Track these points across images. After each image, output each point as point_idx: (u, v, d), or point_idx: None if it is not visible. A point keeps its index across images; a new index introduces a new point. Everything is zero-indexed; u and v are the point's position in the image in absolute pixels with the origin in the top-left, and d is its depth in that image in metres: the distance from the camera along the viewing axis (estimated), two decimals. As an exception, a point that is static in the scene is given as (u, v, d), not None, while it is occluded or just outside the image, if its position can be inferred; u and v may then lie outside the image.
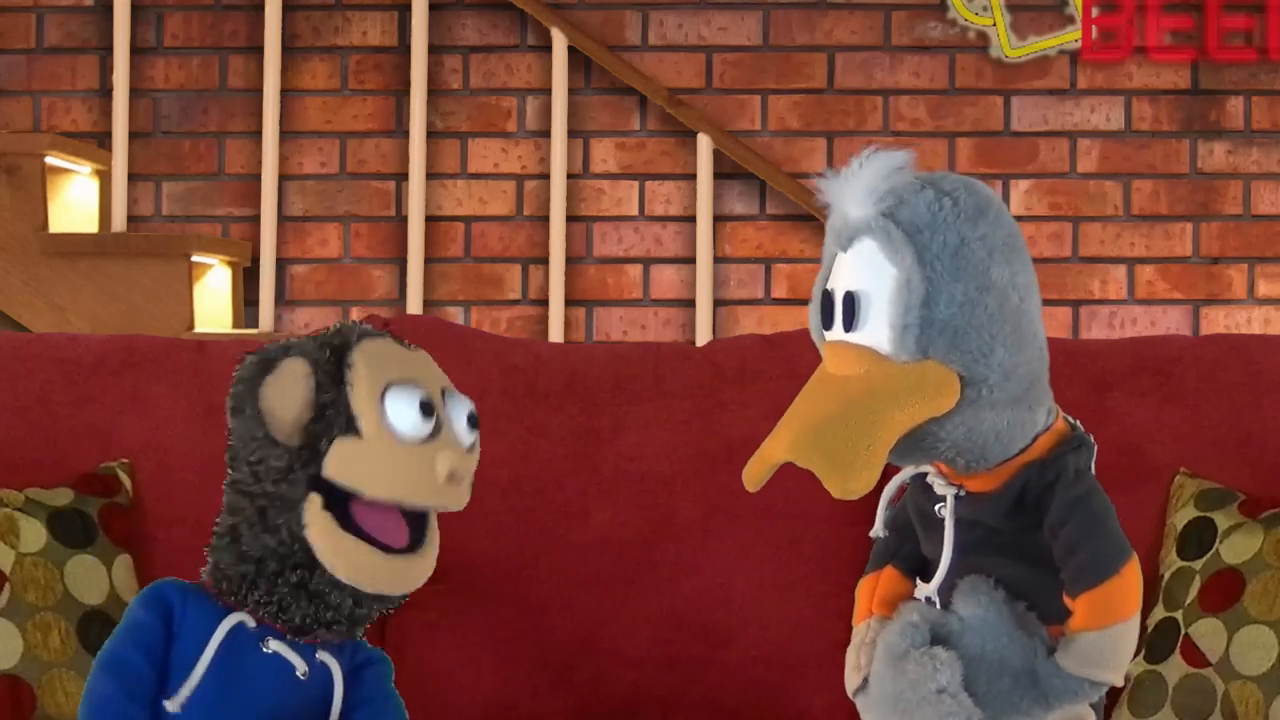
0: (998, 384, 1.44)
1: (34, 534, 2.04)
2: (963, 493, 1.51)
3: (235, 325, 4.29)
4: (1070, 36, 4.25)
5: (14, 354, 2.27)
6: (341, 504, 1.52)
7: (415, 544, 1.55)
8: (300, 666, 1.57)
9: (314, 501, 1.52)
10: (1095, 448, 1.53)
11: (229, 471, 1.58)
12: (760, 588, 2.18)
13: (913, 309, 1.42)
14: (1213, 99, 4.24)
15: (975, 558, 1.51)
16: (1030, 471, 1.49)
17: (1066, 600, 1.47)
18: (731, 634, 2.17)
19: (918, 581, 1.54)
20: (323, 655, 1.59)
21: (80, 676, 1.99)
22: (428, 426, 1.52)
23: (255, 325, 4.27)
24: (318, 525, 1.52)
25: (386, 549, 1.53)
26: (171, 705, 1.53)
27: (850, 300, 1.44)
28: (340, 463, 1.51)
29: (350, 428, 1.51)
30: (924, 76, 4.28)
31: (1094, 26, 4.24)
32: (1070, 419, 1.54)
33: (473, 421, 1.57)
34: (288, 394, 1.51)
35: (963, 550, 1.51)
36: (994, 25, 4.26)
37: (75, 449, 2.21)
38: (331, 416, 1.52)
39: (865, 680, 1.52)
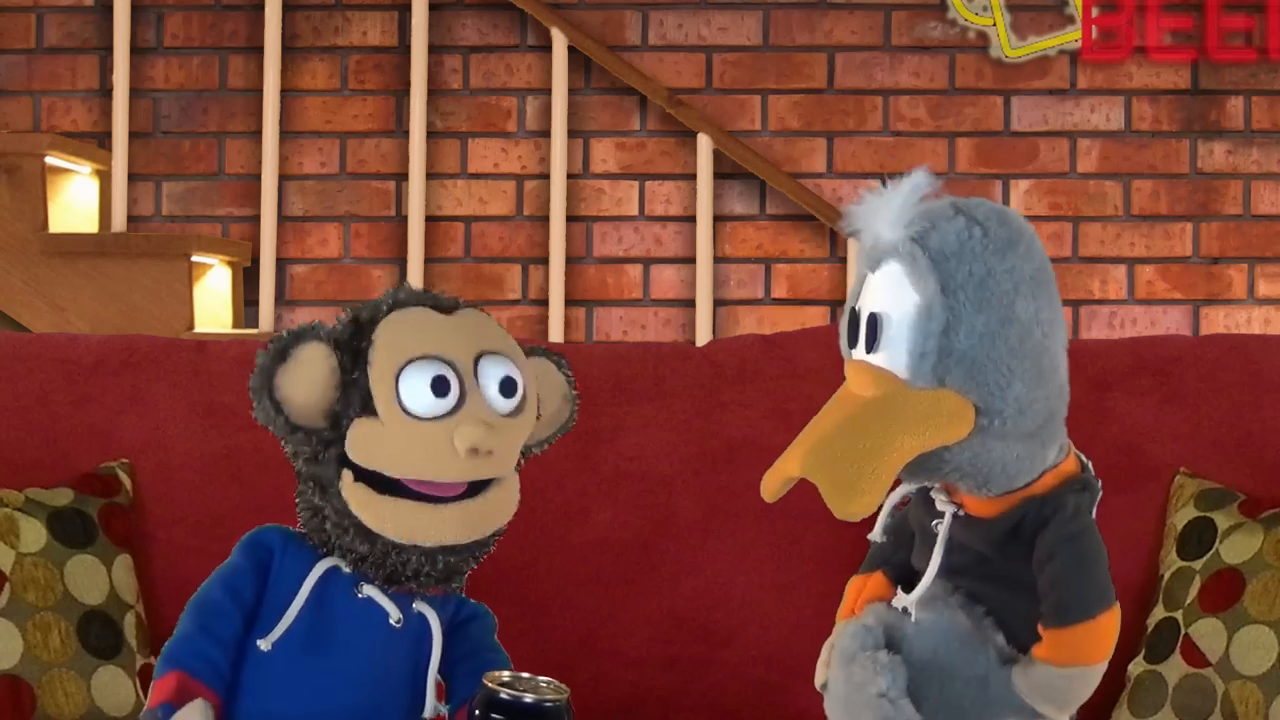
0: (1012, 418, 1.43)
1: (34, 534, 2.04)
2: (961, 512, 1.50)
3: (235, 325, 4.29)
4: (1070, 36, 4.25)
5: (14, 354, 2.28)
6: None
7: (476, 490, 1.54)
8: (394, 614, 1.57)
9: (347, 478, 1.52)
10: (1100, 493, 1.52)
11: None
12: (760, 588, 2.18)
13: (931, 336, 1.41)
14: (1213, 99, 4.24)
15: (959, 579, 1.50)
16: (1029, 505, 1.48)
17: (1040, 629, 1.47)
18: (731, 634, 2.17)
19: (898, 590, 1.54)
20: (420, 606, 1.58)
21: (80, 677, 1.99)
22: (445, 403, 1.51)
23: (255, 325, 4.27)
24: (356, 499, 1.52)
25: (438, 500, 1.52)
26: (264, 644, 1.54)
27: (873, 321, 1.44)
28: (359, 444, 1.51)
29: (368, 408, 1.51)
30: (924, 76, 4.28)
31: (1094, 26, 4.24)
32: (1082, 457, 1.53)
33: (506, 387, 1.55)
34: (305, 379, 1.51)
35: (949, 571, 1.51)
36: (994, 25, 4.26)
37: (75, 449, 2.21)
38: (351, 397, 1.52)
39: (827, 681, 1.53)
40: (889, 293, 1.43)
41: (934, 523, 1.52)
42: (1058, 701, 1.47)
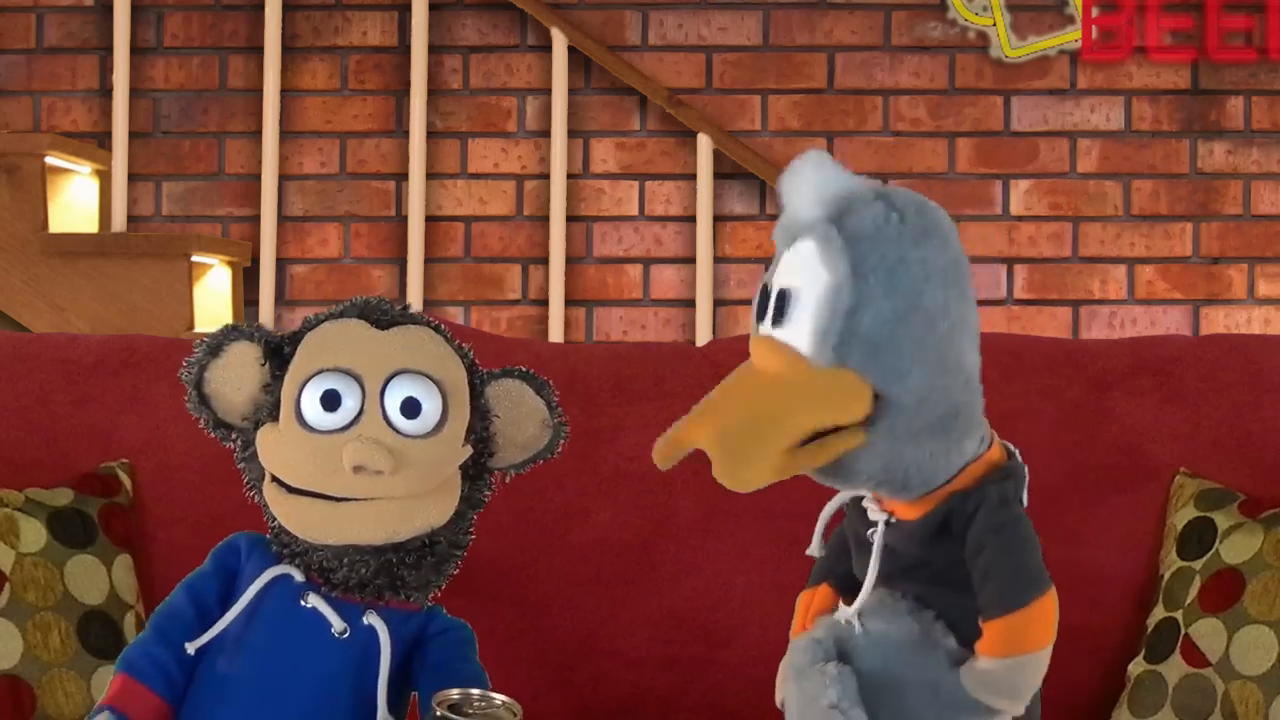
0: (911, 407, 1.41)
1: (34, 534, 2.04)
2: (892, 520, 1.50)
3: (235, 325, 4.29)
4: (1070, 36, 4.25)
5: (14, 354, 2.28)
6: None
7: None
8: (338, 624, 1.56)
9: (268, 477, 1.54)
10: (1026, 477, 1.50)
11: None
12: (760, 588, 2.18)
13: (837, 316, 1.40)
14: (1213, 99, 4.24)
15: (905, 585, 1.50)
16: (954, 501, 1.47)
17: (980, 622, 1.46)
18: (731, 634, 2.17)
19: (839, 604, 1.54)
20: (371, 618, 1.57)
21: (80, 677, 1.99)
22: (336, 418, 1.50)
23: (255, 325, 4.27)
24: (270, 497, 1.54)
25: (335, 499, 1.51)
26: (190, 647, 1.54)
27: (782, 296, 1.43)
28: (263, 448, 1.53)
29: (274, 414, 1.52)
30: (924, 76, 4.28)
31: (1094, 26, 4.24)
32: (1008, 445, 1.52)
33: (408, 407, 1.53)
34: (236, 378, 1.52)
35: (887, 578, 1.50)
36: (994, 25, 4.26)
37: (75, 449, 2.21)
38: (266, 402, 1.54)
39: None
40: (800, 270, 1.43)
41: (869, 531, 1.51)
42: (1006, 693, 1.46)
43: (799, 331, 1.42)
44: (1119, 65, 4.26)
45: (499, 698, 1.51)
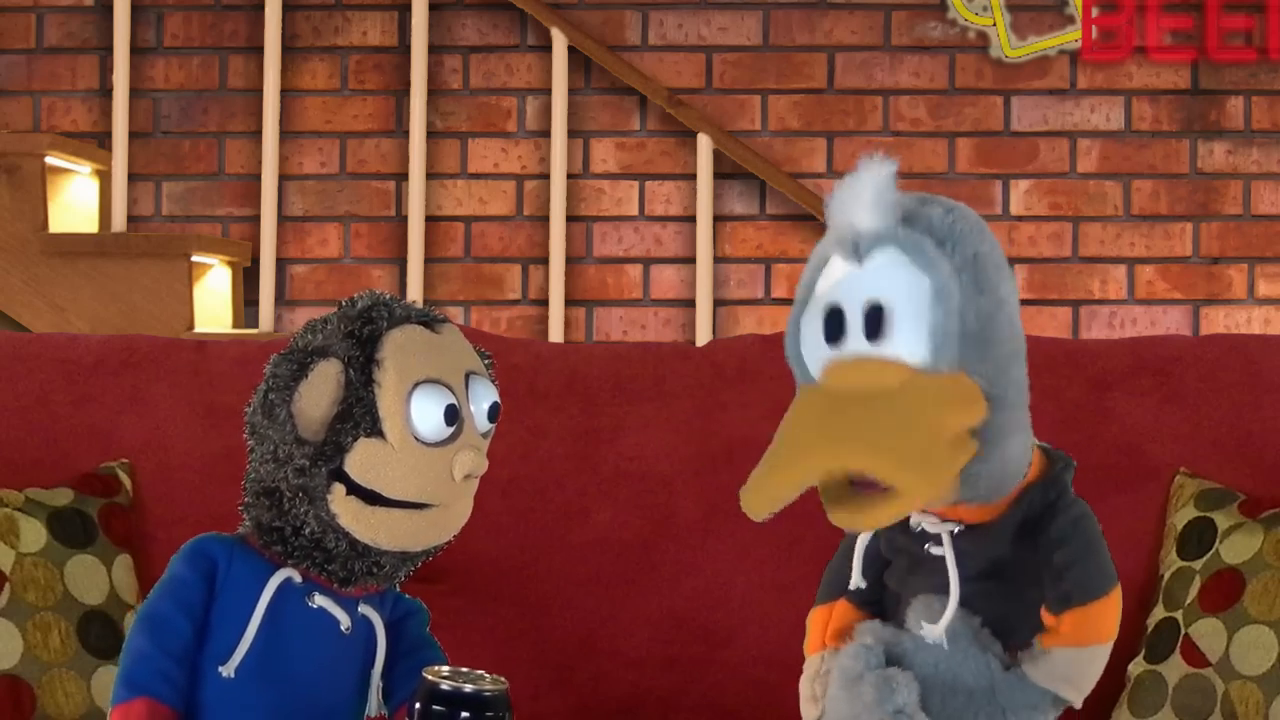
0: (1014, 402, 1.40)
1: (34, 534, 2.04)
2: (959, 528, 1.47)
3: (235, 325, 4.29)
4: (1070, 36, 4.25)
5: (14, 354, 2.28)
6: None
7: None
8: (344, 621, 1.57)
9: (338, 492, 1.52)
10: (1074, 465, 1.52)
11: (255, 446, 1.57)
12: (760, 588, 2.18)
13: (953, 315, 1.36)
14: (1213, 99, 4.24)
15: (975, 586, 1.49)
16: (1033, 493, 1.46)
17: (1047, 617, 1.45)
18: (731, 634, 2.17)
19: (924, 625, 1.51)
20: (365, 609, 1.59)
21: (80, 677, 1.99)
22: (451, 429, 1.53)
23: (255, 325, 4.27)
24: (347, 513, 1.53)
25: (421, 505, 1.53)
26: (226, 670, 1.53)
27: (877, 311, 1.37)
28: (362, 463, 1.52)
29: (375, 430, 1.52)
30: (924, 76, 4.28)
31: (1094, 26, 4.24)
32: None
33: (493, 413, 1.57)
34: (320, 396, 1.52)
35: (936, 586, 1.48)
36: (994, 25, 4.26)
37: (75, 449, 2.21)
38: (358, 416, 1.52)
39: (823, 711, 1.50)
40: (889, 280, 1.37)
41: (926, 546, 1.49)
42: (1077, 683, 1.46)
43: (910, 342, 1.36)
44: (1119, 65, 4.26)
45: (484, 674, 1.52)
